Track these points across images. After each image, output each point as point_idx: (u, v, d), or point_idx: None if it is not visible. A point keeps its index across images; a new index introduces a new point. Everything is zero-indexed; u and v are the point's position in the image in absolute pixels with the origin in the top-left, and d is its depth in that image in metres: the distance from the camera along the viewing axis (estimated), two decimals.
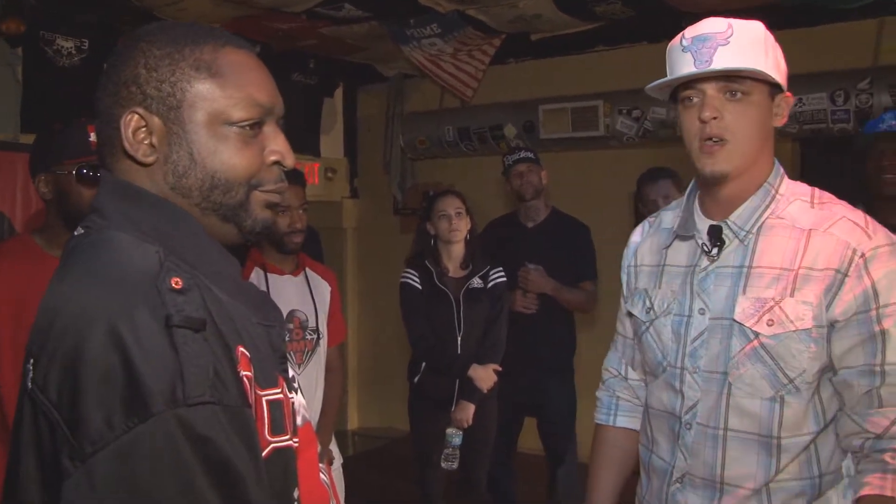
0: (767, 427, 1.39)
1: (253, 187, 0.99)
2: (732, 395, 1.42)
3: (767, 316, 1.38)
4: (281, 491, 0.94)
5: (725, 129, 1.38)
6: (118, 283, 0.85)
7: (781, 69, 1.41)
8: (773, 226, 1.42)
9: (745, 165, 1.41)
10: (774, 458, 1.39)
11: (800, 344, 1.36)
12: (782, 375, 1.38)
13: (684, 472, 1.48)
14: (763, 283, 1.40)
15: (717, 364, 1.43)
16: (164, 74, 0.94)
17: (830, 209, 1.42)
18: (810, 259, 1.37)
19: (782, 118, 1.44)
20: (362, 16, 4.21)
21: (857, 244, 1.34)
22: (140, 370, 0.78)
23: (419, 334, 3.30)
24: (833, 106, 3.99)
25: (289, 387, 1.02)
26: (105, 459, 0.76)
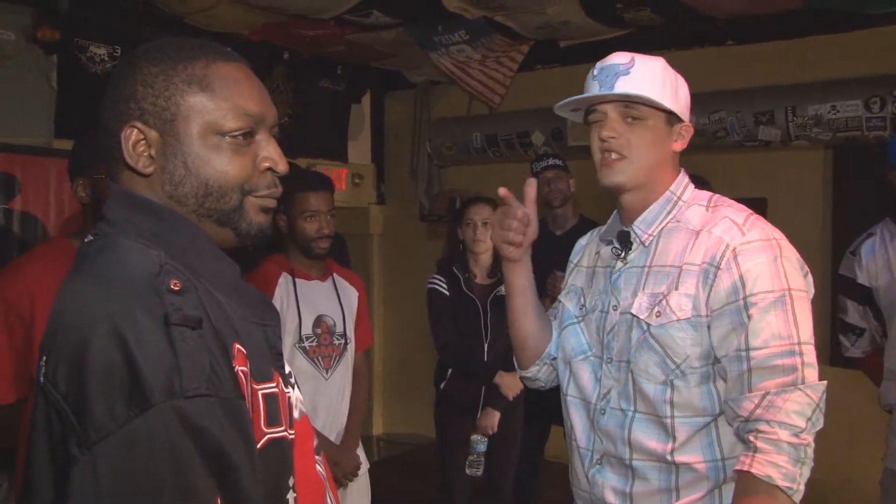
0: (662, 408, 1.54)
1: (246, 193, 1.06)
2: (635, 381, 1.57)
3: (657, 308, 1.54)
4: (276, 479, 1.01)
5: (622, 147, 1.58)
6: (121, 286, 0.92)
7: (681, 100, 1.60)
8: (672, 229, 1.60)
9: (640, 179, 1.60)
10: (670, 437, 1.54)
11: (681, 332, 1.52)
12: (670, 361, 1.53)
13: (602, 454, 1.64)
14: (658, 279, 1.57)
15: (623, 354, 1.60)
16: (159, 90, 1.02)
17: (719, 211, 1.58)
18: (692, 255, 1.53)
19: (682, 143, 1.62)
20: (390, 22, 4.23)
21: (731, 240, 1.50)
22: (140, 365, 0.85)
23: (446, 340, 3.29)
24: (868, 113, 3.92)
25: (285, 382, 1.09)
26: (109, 447, 0.83)
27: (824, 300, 4.28)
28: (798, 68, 4.26)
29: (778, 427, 1.43)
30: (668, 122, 1.59)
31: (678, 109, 1.58)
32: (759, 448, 1.43)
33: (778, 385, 1.44)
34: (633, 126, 1.57)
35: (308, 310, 2.64)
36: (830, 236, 4.35)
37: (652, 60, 1.59)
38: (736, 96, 4.28)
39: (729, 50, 4.53)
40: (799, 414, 1.43)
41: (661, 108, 1.56)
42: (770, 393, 1.44)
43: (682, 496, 1.54)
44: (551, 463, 4.03)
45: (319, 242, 2.63)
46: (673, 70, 1.62)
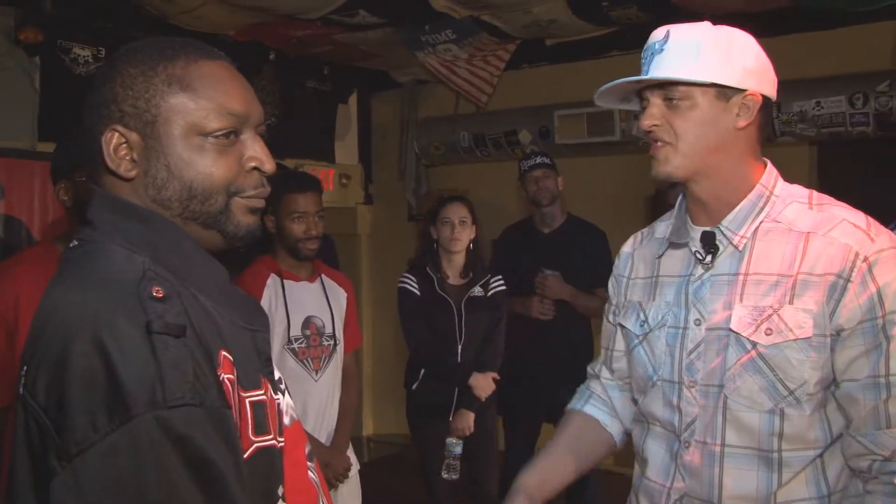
0: (767, 441, 1.34)
1: (232, 194, 1.02)
2: (729, 409, 1.36)
3: (766, 325, 1.32)
4: (264, 488, 0.99)
5: (666, 133, 1.37)
6: (102, 293, 0.90)
7: (735, 66, 1.35)
8: (769, 230, 1.38)
9: (692, 166, 1.38)
10: (776, 474, 1.34)
11: (800, 353, 1.30)
12: (782, 387, 1.32)
13: (683, 494, 1.42)
14: (760, 290, 1.35)
15: (713, 377, 1.38)
16: (139, 92, 0.99)
17: (830, 211, 1.36)
18: (809, 264, 1.31)
19: (748, 117, 1.37)
20: (377, 22, 4.22)
21: (860, 248, 1.29)
22: (121, 375, 0.82)
23: (418, 340, 3.28)
24: (851, 109, 3.95)
25: (274, 388, 1.06)
26: (90, 459, 0.81)
27: None
28: (783, 65, 4.22)
29: None
30: (721, 96, 1.35)
31: (730, 79, 1.34)
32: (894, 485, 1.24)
33: None
34: (677, 109, 1.36)
35: (297, 311, 2.63)
36: None
37: (689, 29, 1.39)
38: None
39: None
40: None
41: (702, 84, 1.35)
42: None
43: None
44: None
45: (307, 244, 2.62)
46: (727, 31, 1.39)
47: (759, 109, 1.38)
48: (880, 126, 3.91)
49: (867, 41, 4.10)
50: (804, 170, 4.43)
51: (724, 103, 1.36)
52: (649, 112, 1.39)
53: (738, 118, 1.37)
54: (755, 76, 1.37)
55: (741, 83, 1.35)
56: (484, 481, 3.36)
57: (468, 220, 3.31)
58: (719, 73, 1.34)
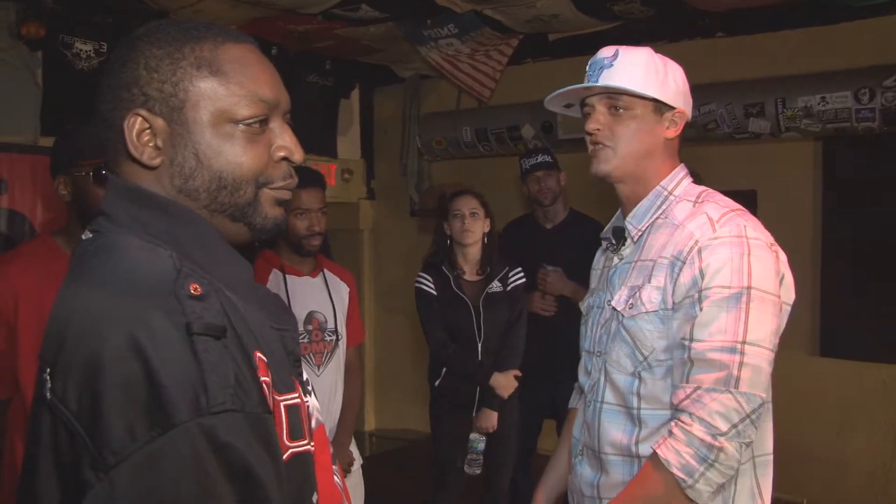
0: (629, 399, 1.57)
1: (261, 185, 0.97)
2: (607, 372, 1.61)
3: (630, 300, 1.57)
4: (300, 495, 0.93)
5: (607, 138, 1.60)
6: (134, 290, 0.83)
7: (669, 87, 1.59)
8: (660, 225, 1.60)
9: (627, 168, 1.61)
10: (636, 427, 1.56)
11: (649, 324, 1.53)
12: (638, 353, 1.55)
13: (584, 445, 1.68)
14: (637, 273, 1.59)
15: (605, 346, 1.64)
16: (166, 74, 0.93)
17: (703, 207, 1.56)
18: (666, 250, 1.54)
19: (675, 129, 1.62)
20: (379, 17, 4.20)
21: (700, 235, 1.50)
22: (162, 379, 0.77)
23: (438, 341, 3.25)
24: (857, 104, 3.92)
25: (304, 390, 1.02)
26: (128, 470, 0.75)
27: (814, 290, 4.30)
28: (788, 60, 4.27)
29: (696, 422, 1.42)
30: (657, 111, 1.60)
31: (666, 97, 1.59)
32: (673, 434, 1.44)
33: (711, 381, 1.43)
34: (619, 117, 1.59)
35: (299, 306, 2.63)
36: (821, 227, 4.37)
37: (636, 51, 1.61)
38: (726, 89, 4.28)
39: (719, 42, 4.53)
40: (721, 416, 1.41)
41: (645, 97, 1.57)
42: (702, 388, 1.43)
43: None
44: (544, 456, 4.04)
45: (310, 240, 2.62)
46: (662, 58, 1.62)
47: (684, 125, 1.63)
48: (886, 121, 3.89)
49: (873, 36, 4.07)
50: (808, 165, 4.41)
51: (658, 116, 1.60)
52: (595, 117, 1.61)
53: (668, 129, 1.62)
54: (683, 97, 1.63)
55: (674, 101, 1.61)
56: (497, 477, 3.36)
57: (479, 213, 3.26)
58: (659, 91, 1.58)
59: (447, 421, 3.33)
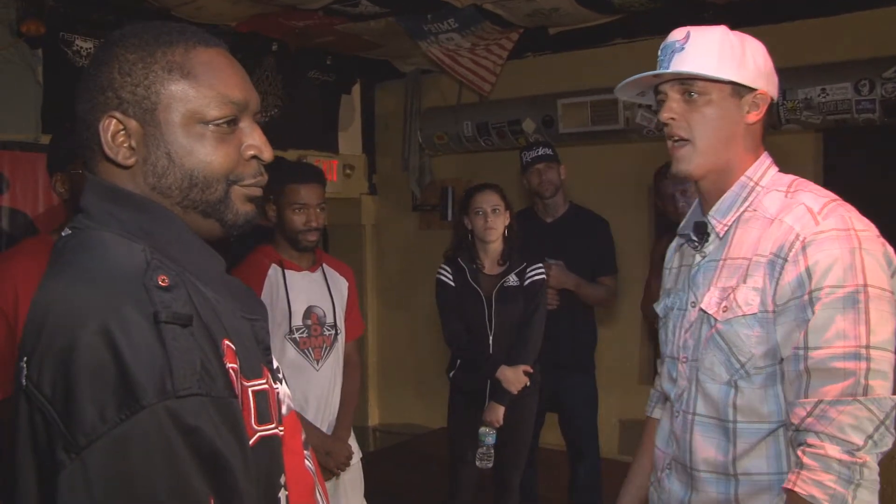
0: (724, 411, 1.45)
1: (232, 182, 1.02)
2: (699, 381, 1.49)
3: (724, 303, 1.44)
4: (267, 477, 0.99)
5: (682, 129, 1.49)
6: (107, 282, 0.89)
7: (748, 67, 1.47)
8: (748, 218, 1.48)
9: (709, 163, 1.50)
10: (731, 443, 1.44)
11: (747, 329, 1.41)
12: (734, 360, 1.43)
13: (672, 458, 1.57)
14: (730, 273, 1.46)
15: (694, 353, 1.51)
16: (138, 78, 0.98)
17: (797, 197, 1.44)
18: (763, 246, 1.42)
19: (757, 113, 1.49)
20: (379, 12, 4.20)
21: (801, 229, 1.37)
22: (130, 365, 0.82)
23: (452, 332, 3.26)
24: (858, 96, 3.91)
25: (273, 377, 1.07)
26: (99, 451, 0.80)
27: None
28: (788, 52, 4.25)
29: (828, 441, 1.29)
30: (735, 94, 1.47)
31: (744, 78, 1.45)
32: (806, 464, 1.30)
33: (836, 393, 1.29)
34: (694, 103, 1.47)
35: (298, 301, 2.64)
36: None
37: (709, 31, 1.48)
38: None
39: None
40: (855, 429, 1.28)
41: (720, 80, 1.45)
42: (825, 401, 1.30)
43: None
44: (547, 450, 4.05)
45: (307, 235, 2.62)
46: (740, 36, 1.49)
47: (766, 108, 1.50)
48: (887, 113, 3.88)
49: (873, 27, 4.06)
50: (809, 158, 4.40)
51: (737, 100, 1.47)
52: (668, 105, 1.50)
53: (749, 114, 1.48)
54: (764, 77, 1.49)
55: (753, 83, 1.47)
56: (509, 472, 3.34)
57: (501, 208, 3.23)
58: (736, 73, 1.45)
59: (459, 414, 3.33)
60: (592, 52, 4.93)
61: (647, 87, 1.58)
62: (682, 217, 3.29)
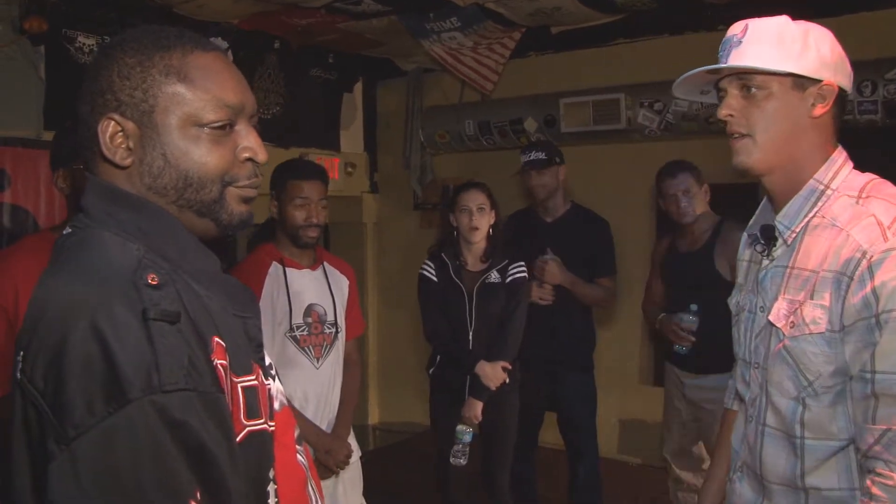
0: (792, 427, 1.42)
1: (227, 184, 1.05)
2: (769, 393, 1.46)
3: (792, 318, 1.40)
4: (256, 471, 1.02)
5: (742, 125, 1.43)
6: (99, 280, 0.92)
7: (810, 58, 1.40)
8: (817, 225, 1.41)
9: (770, 158, 1.43)
10: (799, 458, 1.41)
11: (814, 347, 1.37)
12: (802, 378, 1.39)
13: (743, 462, 1.55)
14: (798, 284, 1.41)
15: (765, 362, 1.48)
16: (136, 81, 1.00)
17: (869, 206, 1.37)
18: (829, 260, 1.36)
19: (823, 106, 1.42)
20: (381, 10, 4.20)
21: (869, 246, 1.31)
22: (118, 360, 0.84)
23: (433, 327, 3.29)
24: (860, 97, 3.91)
25: (265, 374, 1.10)
26: (87, 442, 0.83)
27: None
28: None
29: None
30: (798, 87, 1.40)
31: (805, 69, 1.39)
32: (875, 495, 1.28)
33: None
34: (753, 98, 1.41)
35: (298, 299, 2.64)
36: None
37: (767, 22, 1.44)
38: None
39: (721, 35, 4.46)
40: None
41: (778, 73, 1.39)
42: (894, 430, 1.28)
43: None
44: (546, 449, 4.05)
45: (308, 231, 2.62)
46: (803, 25, 1.44)
47: (835, 100, 1.42)
48: (888, 114, 3.87)
49: (876, 28, 4.06)
50: None
51: (800, 93, 1.40)
52: (727, 102, 1.44)
53: (813, 107, 1.41)
54: (831, 67, 1.41)
55: (817, 73, 1.39)
56: (495, 471, 3.35)
57: (486, 207, 3.27)
58: (796, 64, 1.39)
59: (441, 412, 3.35)
60: (595, 51, 4.92)
61: (706, 85, 1.52)
62: (682, 217, 3.34)
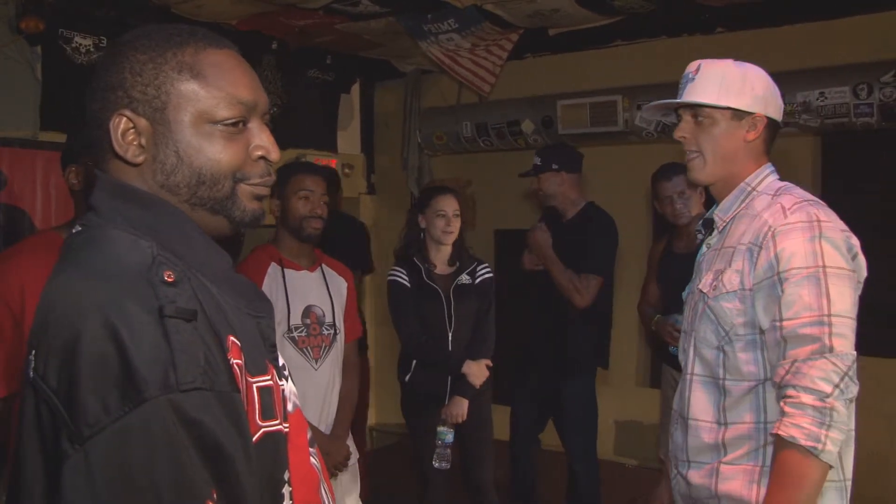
0: (715, 371, 1.76)
1: (238, 181, 1.04)
2: (696, 348, 1.81)
3: (714, 283, 1.76)
4: (271, 472, 1.00)
5: (693, 145, 1.82)
6: (112, 277, 0.90)
7: (746, 94, 1.77)
8: (742, 216, 1.79)
9: (716, 173, 1.82)
10: (721, 396, 1.74)
11: (729, 302, 1.71)
12: (721, 329, 1.74)
13: (678, 414, 1.88)
14: (722, 258, 1.78)
15: (692, 324, 1.83)
16: (149, 78, 0.99)
17: (778, 199, 1.73)
18: (745, 237, 1.72)
19: (755, 132, 1.79)
20: (379, 11, 4.20)
21: (773, 222, 1.67)
22: (134, 358, 0.83)
23: (410, 332, 3.28)
24: (856, 100, 3.92)
25: (279, 374, 1.08)
26: (102, 442, 0.81)
27: None
28: (786, 55, 4.26)
29: (802, 392, 1.56)
30: (736, 117, 1.77)
31: (742, 104, 1.76)
32: (787, 412, 1.57)
33: (806, 353, 1.58)
34: (702, 125, 1.79)
35: (297, 300, 2.64)
36: None
37: (715, 64, 1.80)
38: None
39: (718, 37, 4.52)
40: (824, 380, 1.56)
41: (721, 108, 1.76)
42: (798, 360, 1.58)
43: (728, 452, 1.72)
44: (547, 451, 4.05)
45: (312, 222, 2.64)
46: (743, 67, 1.79)
47: (765, 127, 1.80)
48: (884, 117, 3.88)
49: (872, 31, 4.07)
50: (808, 160, 4.41)
51: (737, 122, 1.79)
52: (682, 126, 1.83)
53: (748, 133, 1.79)
54: (762, 102, 1.79)
55: (751, 107, 1.77)
56: (478, 470, 3.37)
57: (459, 213, 3.34)
58: (735, 100, 1.77)
59: (420, 416, 3.34)
60: (592, 53, 4.93)
61: (668, 110, 1.93)
62: (678, 219, 3.37)
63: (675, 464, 1.87)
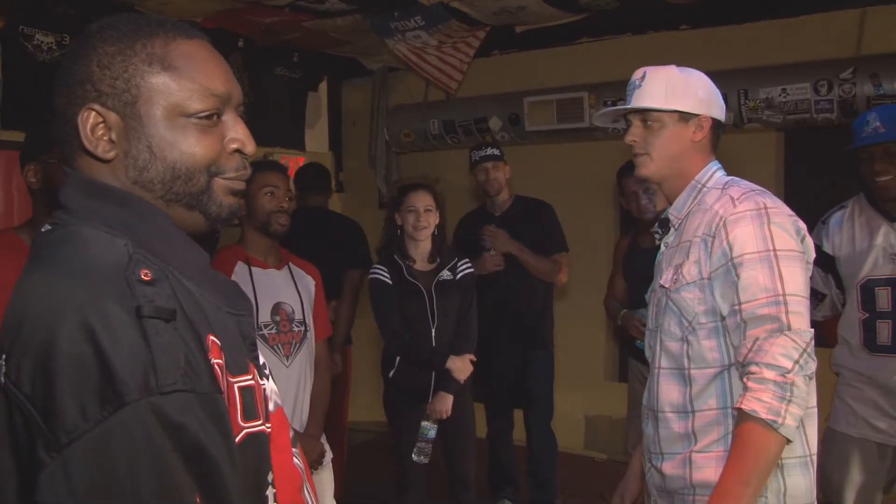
0: (680, 361, 1.80)
1: (213, 174, 1.00)
2: (662, 341, 1.85)
3: (675, 276, 1.81)
4: (255, 474, 0.97)
5: (642, 147, 1.88)
6: (88, 277, 0.86)
7: (690, 98, 1.84)
8: (695, 212, 1.85)
9: (664, 170, 1.88)
10: (687, 386, 1.79)
11: (689, 293, 1.77)
12: (684, 319, 1.78)
13: (647, 409, 1.92)
14: (680, 254, 1.83)
15: (657, 320, 1.88)
16: (118, 71, 0.95)
17: (726, 191, 1.80)
18: (700, 230, 1.78)
19: (701, 133, 1.86)
20: (346, 9, 4.19)
21: (724, 212, 1.74)
22: (112, 361, 0.79)
23: (394, 330, 3.28)
24: (816, 96, 4.00)
25: (260, 373, 1.05)
26: (81, 449, 0.77)
27: None
28: (750, 52, 4.33)
29: (764, 368, 1.62)
30: (682, 119, 1.85)
31: (687, 107, 1.83)
32: (749, 387, 1.63)
33: (766, 331, 1.64)
34: (651, 128, 1.86)
35: (266, 297, 2.63)
36: None
37: (659, 71, 1.87)
38: None
39: (683, 34, 4.58)
40: (784, 356, 1.62)
41: (667, 111, 1.83)
42: (759, 339, 1.64)
43: (699, 440, 1.77)
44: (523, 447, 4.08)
45: (279, 217, 2.63)
46: (686, 72, 1.87)
47: (710, 127, 1.88)
48: (844, 113, 3.96)
49: (831, 29, 4.15)
50: (771, 156, 4.49)
51: (684, 124, 1.86)
52: (632, 130, 1.90)
53: (695, 133, 1.86)
54: (706, 104, 1.87)
55: (696, 109, 1.85)
56: (461, 466, 3.38)
57: (433, 208, 3.32)
58: (680, 103, 1.84)
59: (403, 413, 3.34)
60: (558, 50, 4.96)
61: (618, 116, 2.00)
62: (644, 214, 3.42)
63: (649, 457, 1.91)
